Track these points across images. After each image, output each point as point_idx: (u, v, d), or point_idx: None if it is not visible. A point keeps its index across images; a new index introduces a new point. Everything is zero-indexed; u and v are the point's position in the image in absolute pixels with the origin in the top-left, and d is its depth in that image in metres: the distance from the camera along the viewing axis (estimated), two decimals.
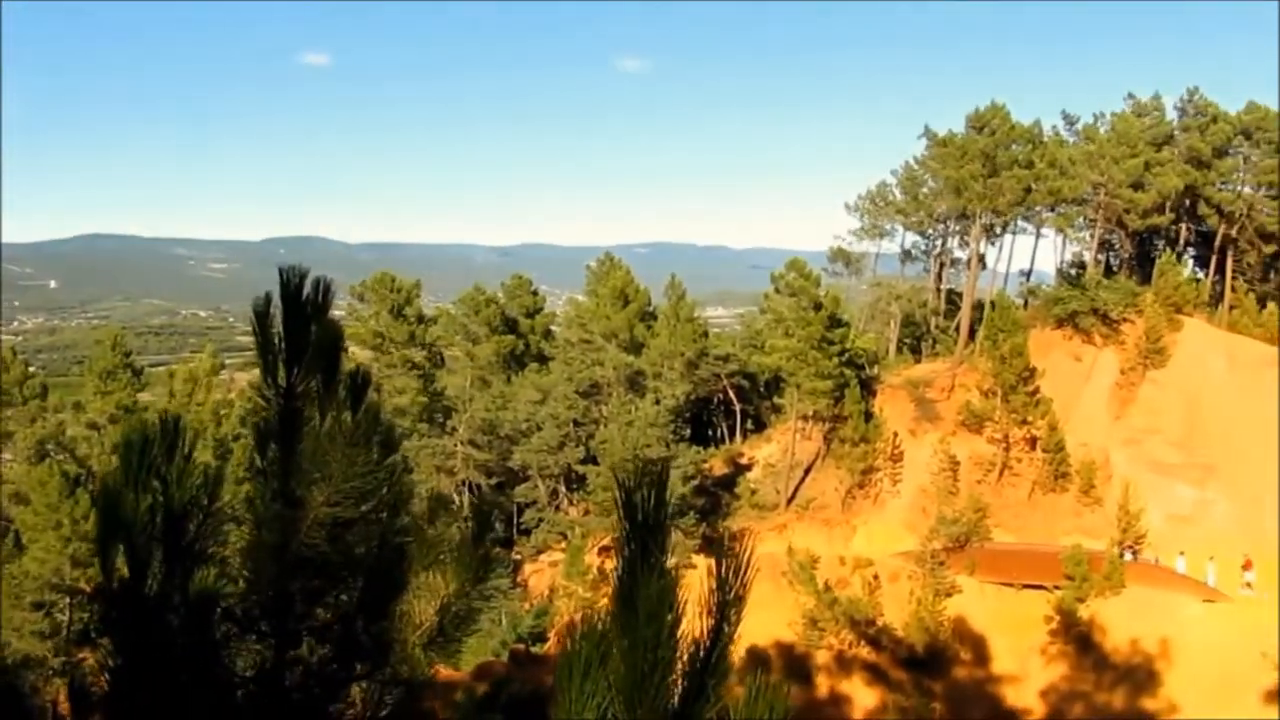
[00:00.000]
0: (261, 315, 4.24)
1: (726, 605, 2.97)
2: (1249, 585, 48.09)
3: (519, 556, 59.25)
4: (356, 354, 65.89)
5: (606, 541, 53.75)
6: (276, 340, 4.27)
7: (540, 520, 61.62)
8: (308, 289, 4.24)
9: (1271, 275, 73.37)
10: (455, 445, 62.49)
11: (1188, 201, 67.12)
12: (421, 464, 60.23)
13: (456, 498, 60.98)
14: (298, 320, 4.24)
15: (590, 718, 2.75)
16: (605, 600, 3.06)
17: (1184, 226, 69.35)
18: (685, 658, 2.93)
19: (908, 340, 77.37)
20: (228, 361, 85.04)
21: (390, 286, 67.50)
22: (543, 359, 72.66)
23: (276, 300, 4.23)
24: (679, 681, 2.92)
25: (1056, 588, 46.52)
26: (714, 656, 2.97)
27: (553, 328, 79.90)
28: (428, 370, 68.17)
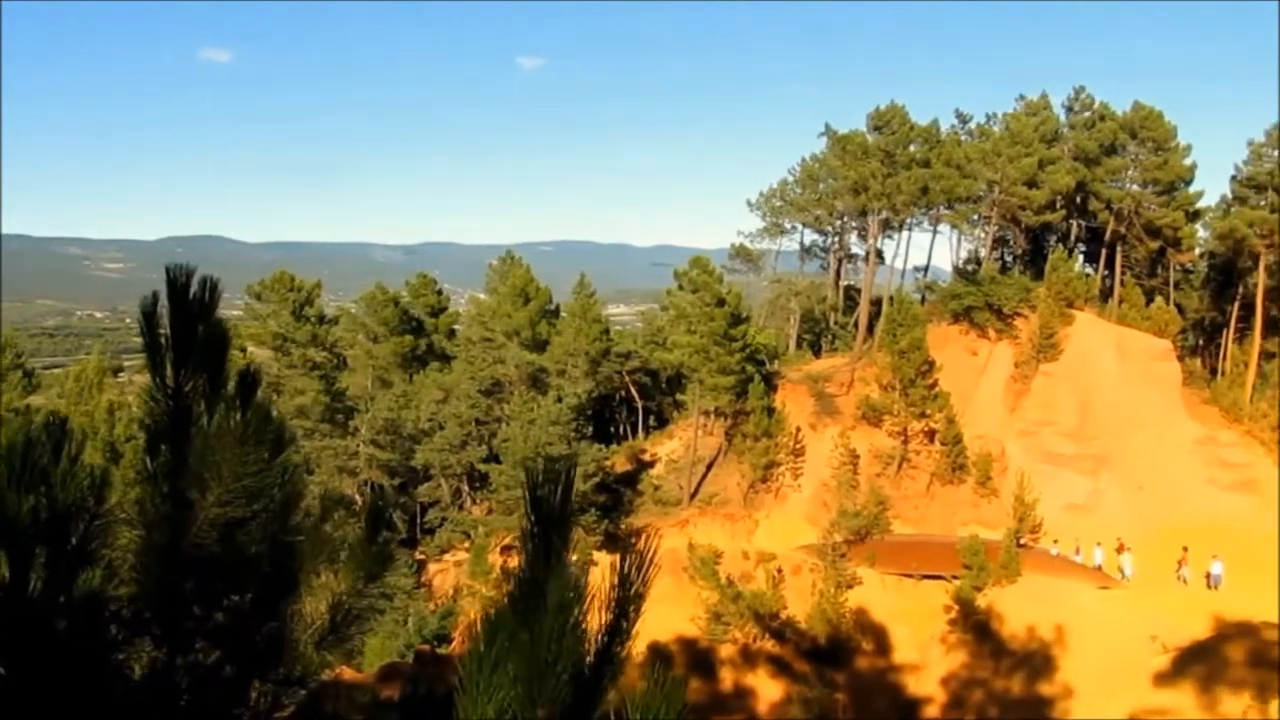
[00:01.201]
0: (149, 315, 4.20)
1: (627, 600, 2.99)
2: (1121, 571, 49.52)
3: (423, 556, 58.92)
4: (257, 354, 65.06)
5: (510, 540, 53.56)
6: (164, 340, 4.24)
7: (443, 520, 61.29)
8: (195, 288, 4.21)
9: (1158, 270, 75.33)
10: (357, 445, 61.94)
11: (1078, 198, 68.58)
12: (323, 465, 59.64)
13: (359, 498, 60.41)
14: (185, 320, 4.21)
15: (492, 713, 2.77)
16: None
17: (1075, 223, 70.89)
18: (587, 652, 2.96)
19: (807, 336, 78.21)
20: (126, 363, 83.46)
21: (290, 286, 66.65)
22: (445, 358, 72.30)
23: (164, 300, 4.20)
24: (581, 675, 2.94)
25: (955, 577, 47.24)
26: (613, 650, 3.00)
27: (455, 326, 79.50)
28: (329, 370, 67.45)
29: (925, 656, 45.53)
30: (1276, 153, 68.54)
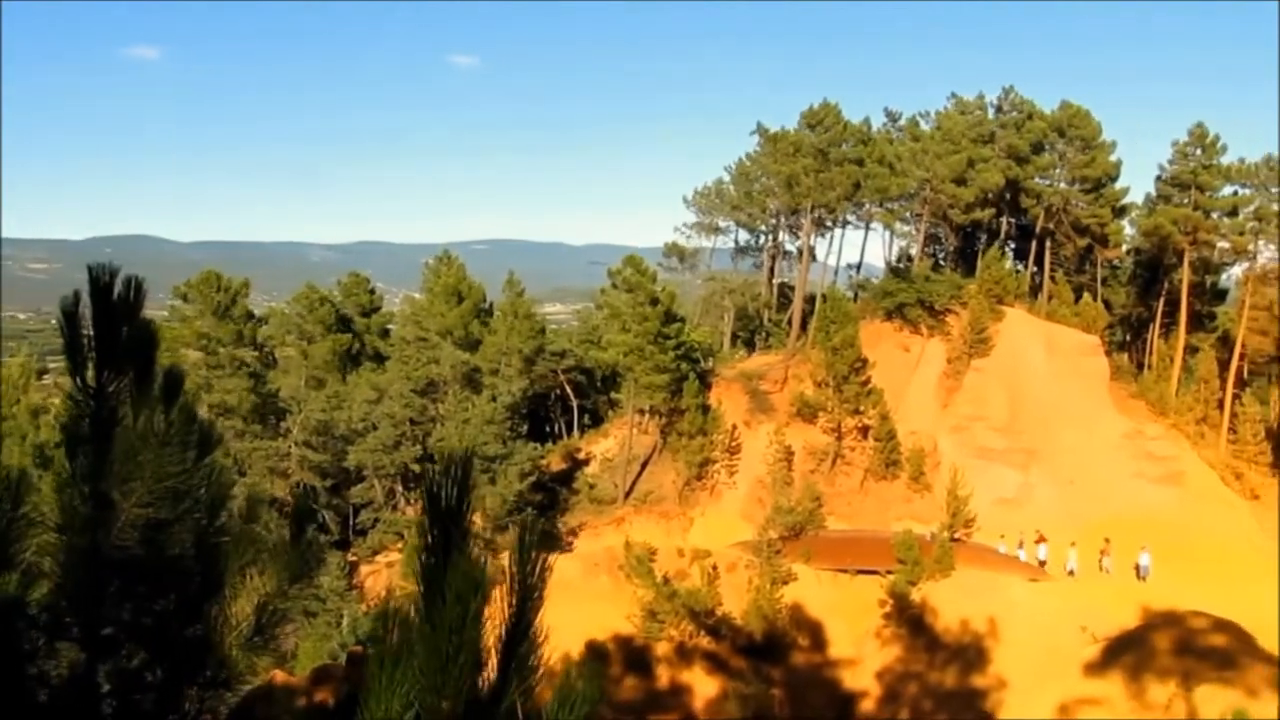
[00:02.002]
0: (70, 315, 4.12)
1: (527, 591, 2.97)
2: (1041, 561, 50.33)
3: (355, 558, 58.35)
4: (188, 356, 64.25)
5: None
6: (86, 341, 4.16)
7: (376, 520, 60.76)
8: (119, 287, 4.14)
9: (1086, 266, 76.31)
10: (289, 447, 61.29)
11: (1008, 196, 69.26)
12: (254, 466, 58.93)
13: (291, 499, 59.79)
14: (108, 319, 4.14)
15: (398, 706, 2.78)
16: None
17: (1005, 220, 71.60)
18: (495, 647, 2.97)
19: (742, 334, 78.42)
20: (51, 365, 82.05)
21: (216, 286, 65.75)
22: (379, 358, 71.80)
23: (86, 300, 4.12)
24: (488, 669, 2.96)
25: (889, 572, 47.56)
26: (518, 643, 2.99)
27: (389, 326, 78.98)
28: (259, 370, 66.66)
29: (861, 651, 45.80)
30: (1199, 151, 69.70)
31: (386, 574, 56.58)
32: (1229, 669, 35.44)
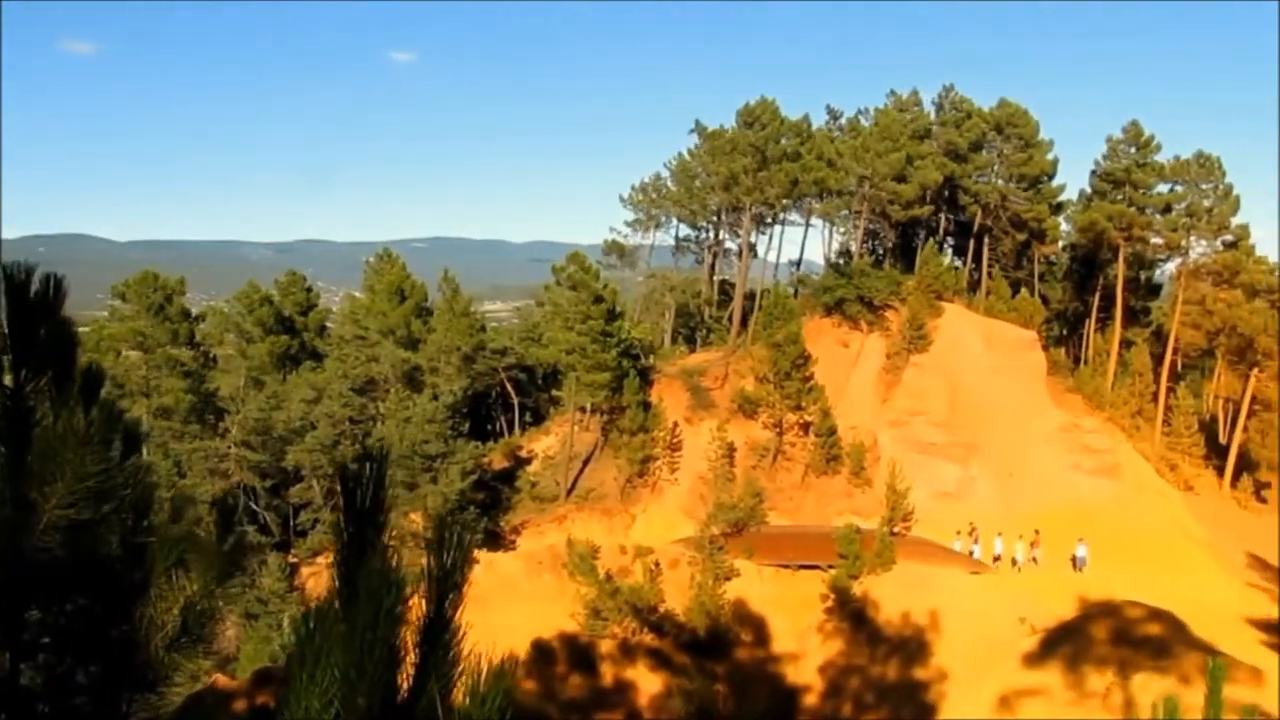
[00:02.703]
0: None
1: (446, 587, 2.94)
2: (996, 557, 50.84)
3: (295, 559, 57.86)
4: (129, 356, 63.54)
5: (388, 539, 52.91)
6: (1, 340, 4.08)
7: (316, 521, 60.27)
8: (37, 286, 4.05)
9: (1024, 262, 77.21)
10: (228, 447, 60.68)
11: (946, 193, 69.91)
12: (193, 467, 58.32)
13: (229, 499, 59.03)
14: (25, 318, 4.06)
15: (318, 704, 2.75)
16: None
17: (944, 216, 72.32)
18: (415, 643, 2.94)
19: (682, 330, 78.58)
20: None
21: (153, 285, 65.00)
22: (317, 357, 71.23)
23: (2, 298, 4.04)
24: (407, 665, 2.94)
25: (831, 567, 47.72)
26: (436, 640, 2.96)
27: (327, 324, 78.39)
28: (197, 370, 65.93)
29: (803, 645, 45.90)
30: (1133, 149, 70.65)
31: (328, 575, 55.95)
32: (1164, 657, 35.85)
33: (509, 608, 43.96)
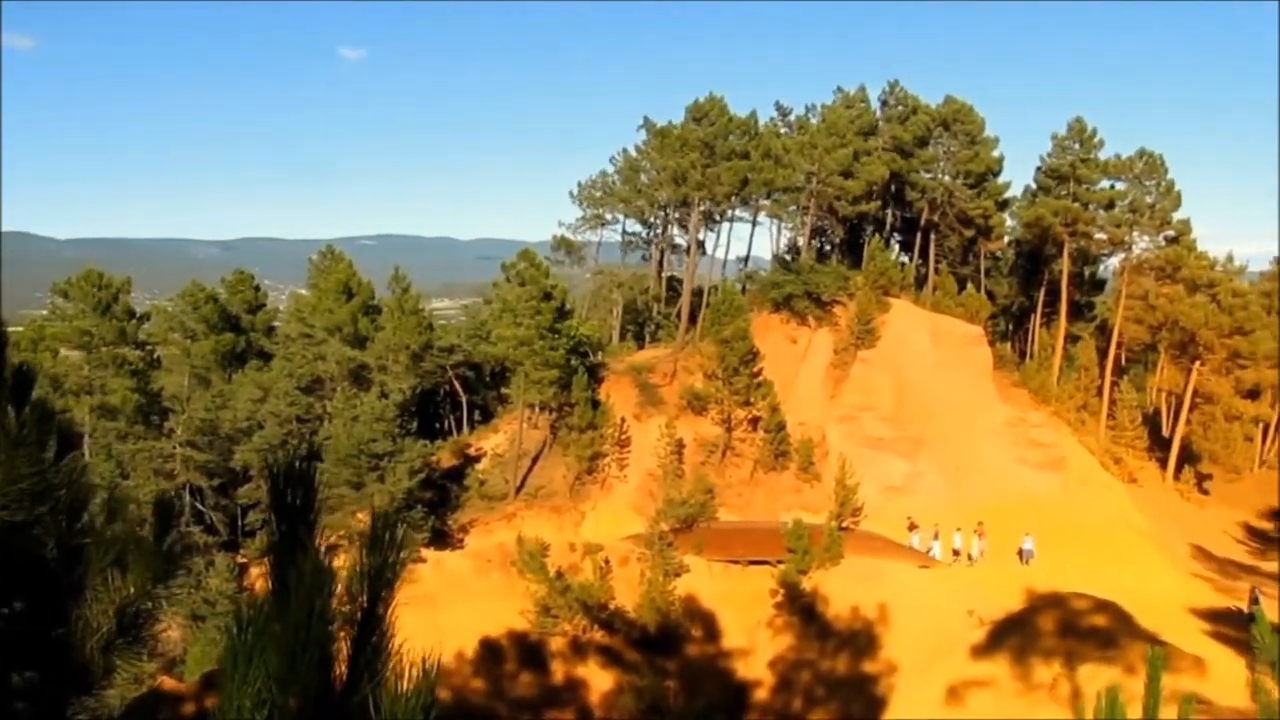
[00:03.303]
0: None
1: (378, 585, 2.94)
2: (955, 550, 51.23)
3: (245, 559, 57.32)
4: (70, 356, 62.74)
5: (335, 539, 52.52)
6: None
7: (264, 522, 59.62)
8: None
9: (970, 258, 77.81)
10: (174, 447, 59.97)
11: (893, 188, 70.26)
12: (137, 467, 57.60)
13: (176, 500, 58.34)
14: None
15: (249, 704, 2.73)
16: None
17: (890, 212, 72.64)
18: (348, 642, 2.93)
19: (631, 327, 78.49)
20: None
21: (97, 284, 64.06)
22: (264, 356, 70.59)
23: None
24: (340, 664, 2.92)
25: (780, 562, 47.86)
26: (368, 638, 2.95)
27: (275, 324, 77.71)
28: (142, 370, 65.11)
29: (753, 640, 46.02)
30: (1078, 145, 71.35)
31: None
32: (1110, 648, 36.17)
33: (458, 607, 43.83)
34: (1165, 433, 77.03)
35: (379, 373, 62.03)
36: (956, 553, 50.98)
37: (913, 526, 52.14)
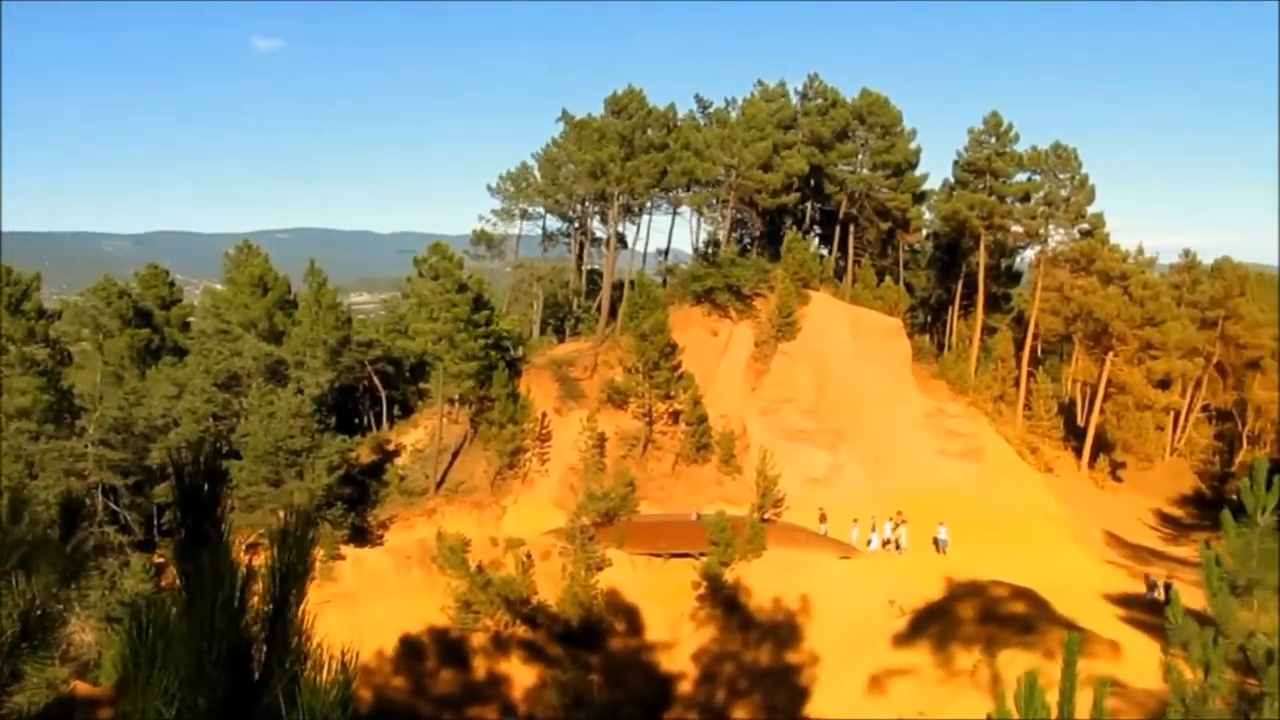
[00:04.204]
0: None
1: (287, 582, 2.89)
2: (885, 541, 51.53)
3: (162, 559, 56.27)
4: None
5: (255, 538, 51.70)
6: None
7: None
8: None
9: (888, 250, 78.39)
10: (86, 446, 58.66)
11: (812, 182, 70.49)
12: (48, 468, 56.28)
13: (88, 501, 57.16)
14: None
15: (157, 705, 2.62)
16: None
17: (810, 205, 72.94)
18: (260, 638, 2.88)
19: (551, 321, 78.14)
20: None
21: (5, 280, 62.66)
22: (179, 351, 69.33)
23: None
24: (255, 661, 2.84)
25: (702, 554, 47.87)
26: (281, 634, 2.89)
27: (189, 319, 76.38)
28: (52, 368, 63.61)
29: (677, 633, 46.00)
30: (994, 139, 72.07)
31: None
32: (1028, 634, 36.59)
33: (377, 603, 43.36)
34: (1080, 422, 78.24)
35: (296, 368, 61.12)
36: (887, 543, 51.21)
37: (823, 518, 52.41)
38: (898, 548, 50.93)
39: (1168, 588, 45.85)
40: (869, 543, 50.98)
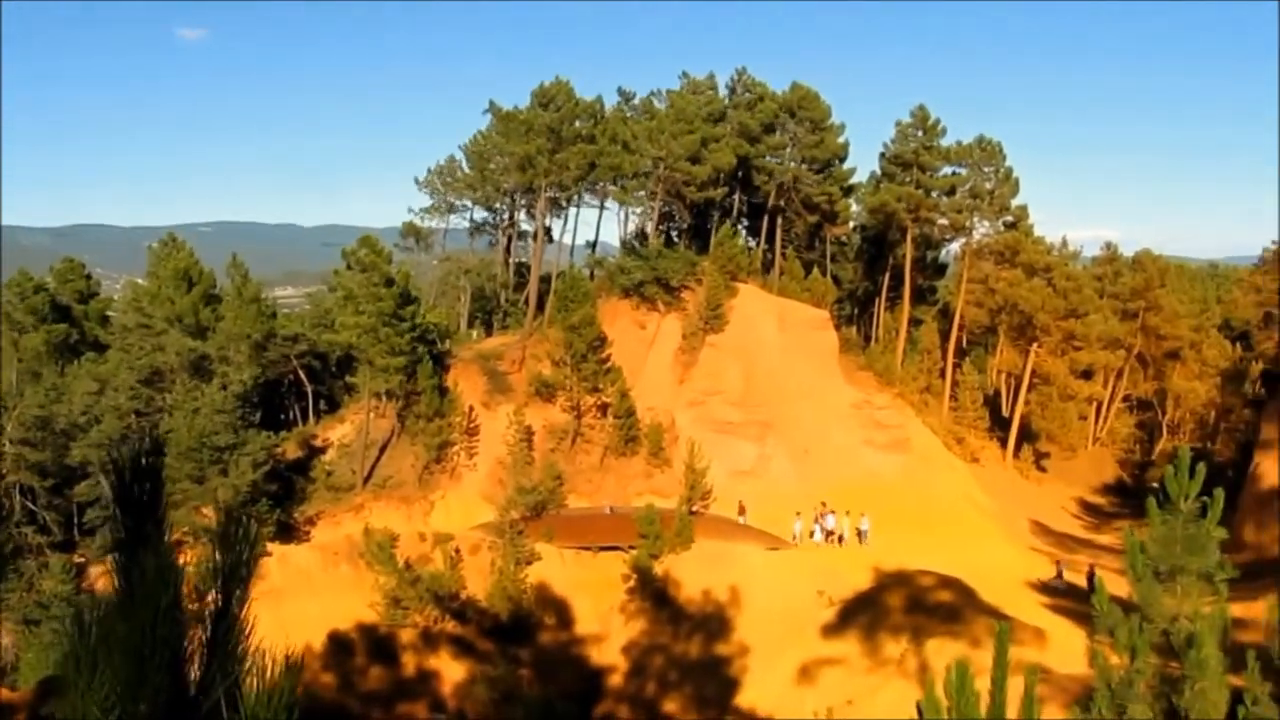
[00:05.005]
0: None
1: (232, 583, 2.88)
2: (828, 532, 51.67)
3: (83, 559, 55.28)
4: None
5: (180, 535, 50.93)
6: None
7: (104, 520, 57.64)
8: None
9: (816, 243, 78.77)
10: (3, 445, 57.56)
11: (740, 174, 70.62)
12: None
13: (5, 501, 56.09)
14: None
15: (95, 711, 2.56)
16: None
17: (738, 198, 73.05)
18: (202, 639, 2.83)
19: (479, 314, 77.81)
20: None
21: None
22: (99, 347, 68.19)
23: None
24: (194, 663, 2.81)
25: (632, 547, 47.85)
26: (223, 637, 2.85)
27: (109, 314, 75.15)
28: None
29: (606, 626, 45.96)
30: (920, 132, 72.61)
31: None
32: (955, 622, 36.94)
33: (304, 601, 42.84)
34: (1005, 413, 79.15)
35: (221, 363, 60.30)
36: (830, 534, 51.33)
37: (741, 510, 52.57)
38: (841, 540, 51.03)
39: (1059, 575, 47.18)
40: (811, 534, 51.06)
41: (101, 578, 54.85)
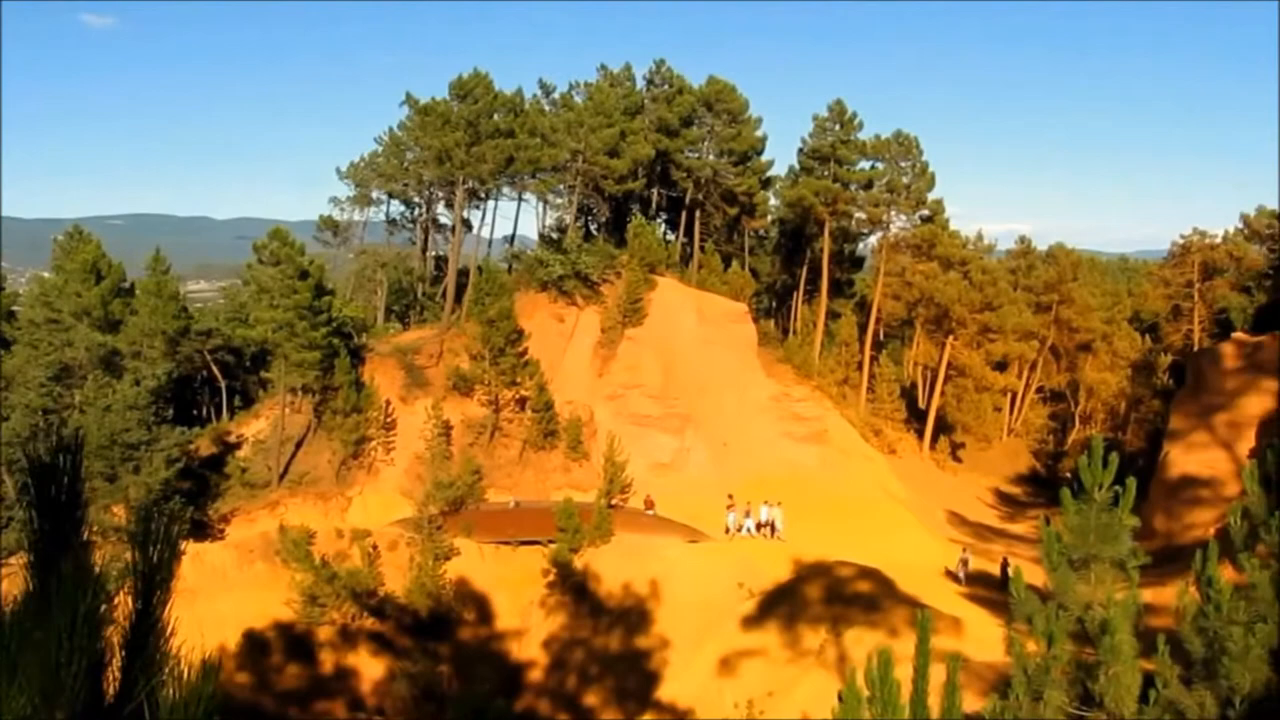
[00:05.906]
0: None
1: (152, 585, 2.75)
2: (759, 524, 51.65)
3: None
4: None
5: (88, 535, 49.92)
6: None
7: (11, 520, 56.40)
8: None
9: (735, 236, 79.14)
10: None
11: (659, 167, 70.70)
12: None
13: None
14: None
15: None
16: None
17: (656, 191, 73.11)
18: (120, 644, 2.72)
19: (396, 308, 77.21)
20: None
21: None
22: (4, 343, 66.77)
23: None
24: (112, 669, 2.71)
25: (551, 541, 47.72)
26: (143, 641, 2.74)
27: (15, 308, 73.56)
28: None
29: (526, 621, 45.82)
30: (838, 126, 73.08)
31: (24, 576, 52.66)
32: (874, 612, 37.23)
33: (219, 599, 42.20)
34: (921, 404, 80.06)
35: (133, 359, 59.26)
36: (761, 526, 51.33)
37: (649, 504, 52.49)
38: (773, 532, 51.08)
39: (965, 565, 47.75)
40: (741, 527, 51.08)
41: (7, 579, 53.49)
